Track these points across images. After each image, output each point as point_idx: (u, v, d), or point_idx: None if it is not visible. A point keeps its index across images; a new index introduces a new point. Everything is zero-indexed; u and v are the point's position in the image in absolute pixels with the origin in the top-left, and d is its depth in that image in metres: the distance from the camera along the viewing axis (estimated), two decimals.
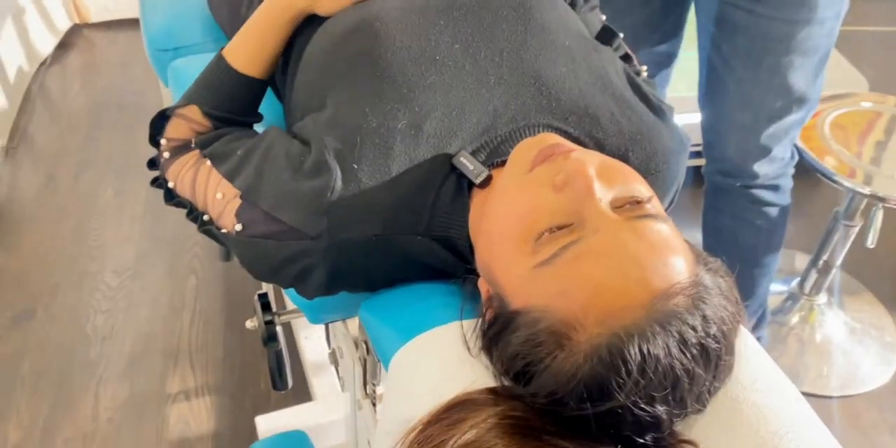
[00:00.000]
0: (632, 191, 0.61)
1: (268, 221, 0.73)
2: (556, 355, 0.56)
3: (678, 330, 0.54)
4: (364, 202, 0.71)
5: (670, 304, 0.54)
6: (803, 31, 1.13)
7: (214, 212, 0.78)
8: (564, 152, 0.63)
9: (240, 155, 0.78)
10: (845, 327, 1.78)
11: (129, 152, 2.29)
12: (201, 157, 0.81)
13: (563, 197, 0.60)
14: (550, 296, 0.57)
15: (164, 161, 0.85)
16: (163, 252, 1.96)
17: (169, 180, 0.84)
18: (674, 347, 0.53)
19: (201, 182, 0.80)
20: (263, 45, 0.86)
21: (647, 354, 0.53)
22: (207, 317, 1.79)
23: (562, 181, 0.60)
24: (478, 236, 0.70)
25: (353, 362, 0.92)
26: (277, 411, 1.31)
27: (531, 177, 0.63)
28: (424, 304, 0.76)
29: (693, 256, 0.59)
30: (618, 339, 0.53)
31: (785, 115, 1.24)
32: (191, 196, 0.81)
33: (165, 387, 1.63)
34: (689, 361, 0.54)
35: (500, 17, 0.80)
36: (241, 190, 0.75)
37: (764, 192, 1.35)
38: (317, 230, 0.71)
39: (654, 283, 0.55)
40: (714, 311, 0.56)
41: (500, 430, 0.56)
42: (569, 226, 0.59)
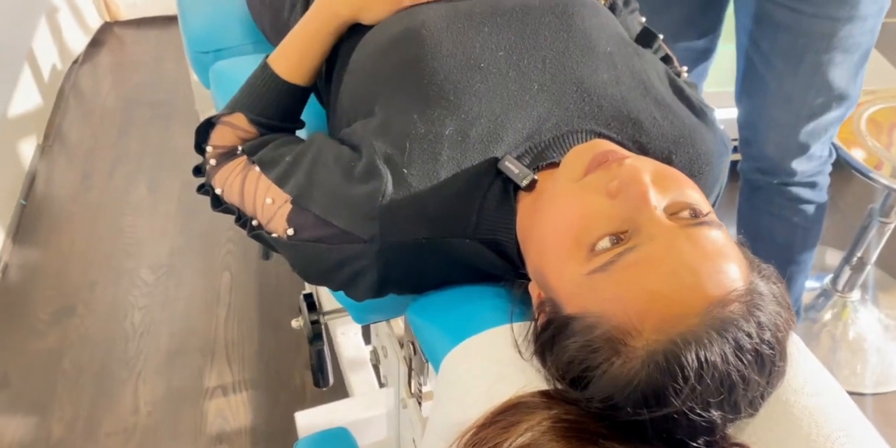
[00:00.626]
0: (685, 197, 0.62)
1: (320, 225, 0.74)
2: (613, 361, 0.57)
3: (734, 336, 0.54)
4: (414, 206, 0.73)
5: (726, 311, 0.55)
6: (845, 29, 1.12)
7: (264, 217, 0.79)
8: (618, 159, 0.64)
9: (289, 161, 0.80)
10: (879, 324, 1.77)
11: (161, 149, 2.32)
12: (249, 163, 0.83)
13: (617, 204, 0.61)
14: (606, 302, 0.58)
15: (211, 168, 0.87)
16: (197, 248, 1.99)
17: (216, 187, 0.85)
18: (730, 354, 0.54)
19: (250, 188, 0.81)
20: (308, 54, 0.88)
21: (704, 361, 0.53)
22: (242, 312, 1.81)
23: (616, 188, 0.61)
24: (528, 241, 0.71)
25: (397, 361, 0.94)
26: (316, 407, 1.33)
27: (585, 183, 0.64)
28: (473, 307, 0.77)
29: (747, 263, 0.60)
30: (675, 346, 0.54)
31: (825, 113, 1.24)
32: (239, 202, 0.83)
33: (203, 382, 1.66)
34: (744, 367, 0.55)
35: (543, 24, 0.80)
36: (291, 195, 0.77)
37: (801, 190, 1.35)
38: (369, 234, 0.72)
39: (709, 290, 0.55)
40: (768, 317, 0.57)
41: (555, 432, 0.57)
42: (624, 233, 0.60)
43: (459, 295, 0.79)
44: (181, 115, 2.46)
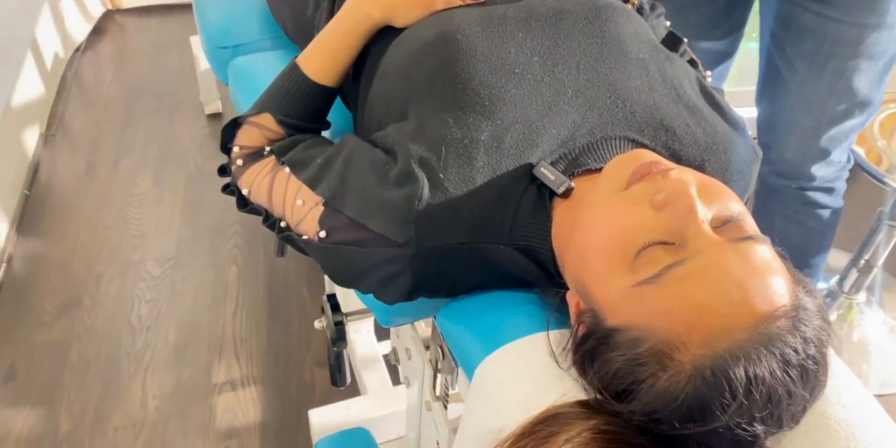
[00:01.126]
0: (729, 210, 0.62)
1: (353, 228, 0.74)
2: (660, 376, 0.57)
3: (781, 352, 0.55)
4: (450, 210, 0.72)
5: (773, 326, 0.55)
6: (872, 36, 1.12)
7: (294, 218, 0.79)
8: (663, 171, 0.64)
9: (320, 162, 0.79)
10: (884, 326, 1.78)
11: (166, 141, 2.30)
12: (278, 164, 0.82)
13: (662, 216, 0.61)
14: (653, 315, 0.58)
15: (237, 168, 0.86)
16: (203, 242, 1.98)
17: (242, 187, 0.85)
18: (777, 369, 0.55)
19: (279, 189, 0.81)
20: (339, 56, 0.87)
21: (753, 376, 0.54)
22: (250, 307, 1.81)
23: (662, 200, 0.61)
24: (566, 249, 0.71)
25: (422, 364, 0.94)
26: (330, 405, 1.33)
27: (628, 194, 0.64)
28: (506, 313, 0.77)
29: (792, 278, 0.60)
30: (723, 361, 0.54)
31: (847, 119, 1.24)
32: (267, 203, 0.82)
33: (211, 377, 1.66)
34: (790, 382, 0.55)
35: (577, 30, 0.80)
36: (324, 197, 0.76)
37: (818, 195, 1.36)
38: (405, 238, 0.72)
39: (757, 305, 0.55)
40: (813, 332, 0.57)
41: (595, 444, 0.58)
42: (670, 244, 0.60)
43: (492, 300, 0.79)
44: (185, 105, 2.44)
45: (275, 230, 0.82)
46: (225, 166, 0.89)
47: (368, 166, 0.75)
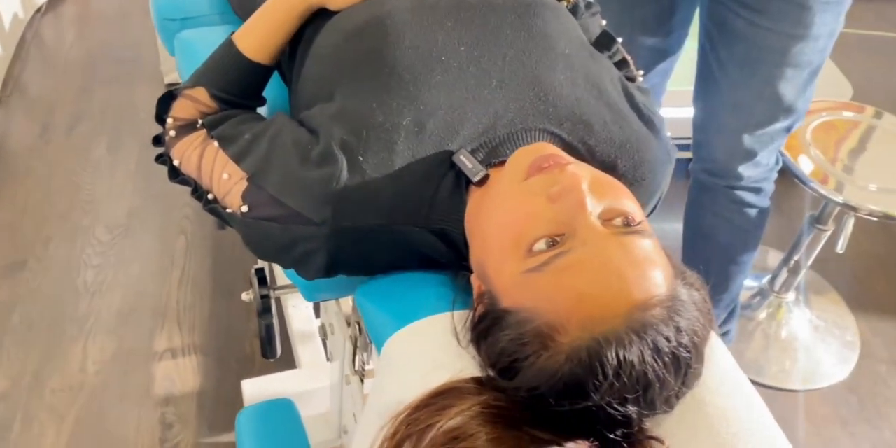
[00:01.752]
0: (620, 205, 0.65)
1: (274, 205, 0.77)
2: (541, 354, 0.61)
3: (653, 339, 0.58)
4: (367, 192, 0.75)
5: (647, 314, 0.59)
6: (797, 46, 1.17)
7: (220, 191, 0.81)
8: (560, 165, 0.67)
9: (248, 138, 0.81)
10: (810, 325, 1.85)
11: (124, 108, 2.29)
12: (208, 138, 0.84)
13: (556, 208, 0.64)
14: (539, 300, 0.62)
15: (170, 139, 0.88)
16: (154, 211, 1.98)
17: (174, 158, 0.87)
18: (647, 355, 0.58)
19: (208, 162, 0.83)
20: (273, 34, 0.89)
21: (623, 360, 0.57)
22: (196, 278, 1.82)
23: (557, 193, 0.65)
24: (473, 235, 0.74)
25: (343, 339, 0.97)
26: (263, 376, 1.36)
27: (527, 185, 0.67)
28: (419, 293, 0.80)
29: (672, 271, 0.64)
30: (597, 344, 0.58)
31: (772, 123, 1.29)
32: (196, 175, 0.84)
33: (153, 344, 1.68)
34: (660, 368, 0.59)
35: (505, 23, 0.83)
36: (248, 172, 0.79)
37: (746, 194, 1.41)
38: (321, 217, 0.75)
39: (633, 294, 0.59)
40: (688, 323, 0.61)
41: (483, 418, 0.61)
42: (560, 235, 0.63)
43: (407, 281, 0.83)
44: (146, 74, 2.42)
45: (202, 202, 0.84)
46: (159, 136, 0.91)
47: (292, 145, 0.78)
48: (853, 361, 1.80)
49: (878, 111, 1.64)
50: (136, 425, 1.53)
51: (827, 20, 1.16)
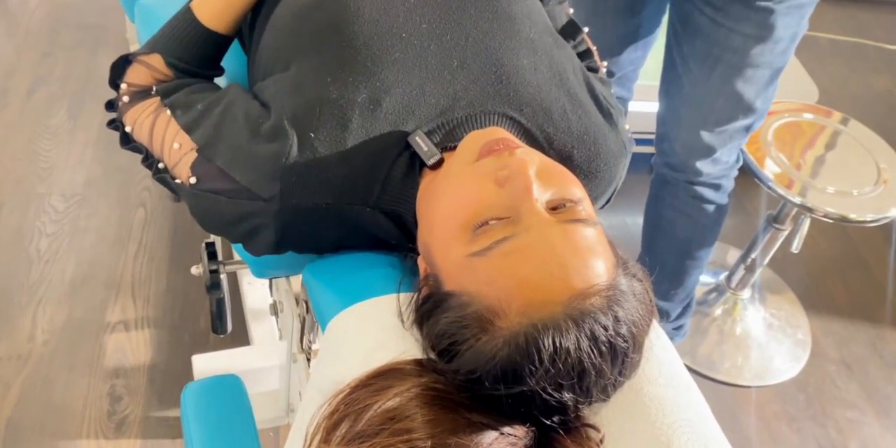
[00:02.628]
0: (567, 193, 0.65)
1: (222, 178, 0.75)
2: (479, 338, 0.61)
3: (590, 327, 0.58)
4: (318, 170, 0.74)
5: (586, 303, 0.59)
6: (757, 47, 1.18)
7: (170, 161, 0.80)
8: (510, 148, 0.67)
9: (200, 109, 0.80)
10: (763, 323, 1.88)
11: (87, 75, 2.24)
12: (161, 106, 0.83)
13: (503, 192, 0.64)
14: (481, 284, 0.62)
15: (123, 105, 0.86)
16: (113, 181, 1.95)
17: (126, 124, 0.85)
18: (584, 342, 0.58)
19: (159, 130, 0.81)
20: (231, 4, 0.87)
21: (559, 346, 0.57)
22: (153, 250, 1.80)
23: (504, 177, 0.64)
24: (421, 217, 0.74)
25: (292, 317, 0.96)
26: (215, 352, 1.34)
27: (476, 168, 0.67)
28: (366, 274, 0.80)
29: (614, 261, 0.64)
30: (534, 330, 0.58)
31: (731, 121, 1.29)
32: (147, 142, 0.83)
33: (105, 315, 1.65)
34: (596, 357, 0.59)
35: (470, 3, 0.81)
36: (198, 144, 0.77)
37: (705, 190, 1.42)
38: (269, 193, 0.73)
39: (573, 282, 0.59)
40: (626, 313, 0.61)
41: (421, 400, 0.61)
42: (506, 219, 0.63)
43: (355, 261, 0.82)
44: (111, 41, 2.37)
45: (152, 171, 0.83)
46: (112, 101, 0.89)
47: (243, 118, 0.76)
48: (804, 360, 1.83)
49: (844, 117, 1.67)
50: (83, 397, 1.51)
51: (789, 23, 1.17)
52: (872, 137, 1.62)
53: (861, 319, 1.95)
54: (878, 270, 2.08)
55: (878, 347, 1.89)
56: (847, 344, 1.89)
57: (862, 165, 1.55)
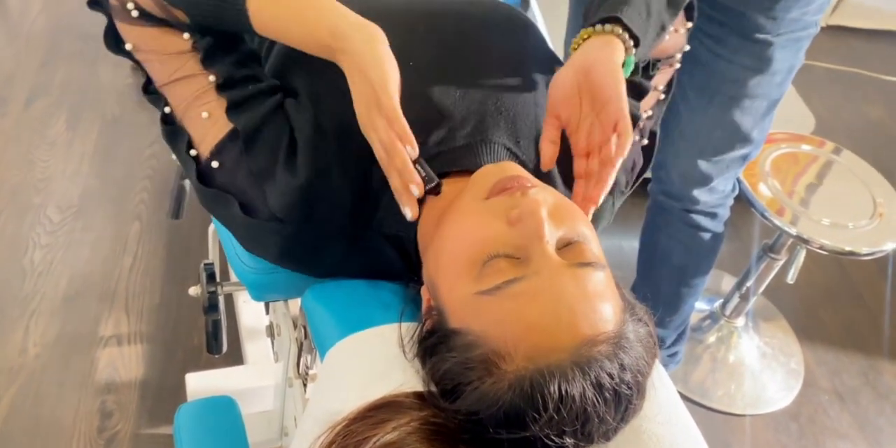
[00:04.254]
0: (577, 233, 0.65)
1: (245, 180, 0.74)
2: (484, 380, 0.60)
3: (596, 375, 0.58)
4: (330, 195, 0.75)
5: (594, 350, 0.58)
6: (755, 79, 1.19)
7: (191, 125, 0.75)
8: (524, 188, 0.66)
9: (251, 90, 0.75)
10: (757, 351, 1.88)
11: (86, 86, 2.24)
12: (200, 64, 0.75)
13: (514, 231, 0.63)
14: (488, 324, 0.61)
15: (124, 11, 0.74)
16: (109, 194, 1.94)
17: (124, 35, 0.75)
18: (589, 390, 0.58)
19: (189, 87, 0.75)
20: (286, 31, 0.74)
21: (564, 394, 0.57)
22: (148, 265, 1.79)
23: (516, 217, 0.64)
24: (427, 247, 0.73)
25: (289, 341, 0.96)
26: (208, 371, 1.34)
27: (488, 205, 0.67)
28: (367, 301, 0.80)
29: (622, 305, 0.64)
30: (540, 376, 0.57)
31: (728, 151, 1.30)
32: (159, 77, 0.75)
33: (98, 329, 1.64)
34: (601, 404, 0.59)
35: (478, 33, 0.83)
36: (239, 129, 0.74)
37: (701, 218, 1.42)
38: (284, 214, 0.74)
39: (582, 329, 0.59)
40: (632, 360, 0.60)
41: (420, 434, 0.61)
42: (515, 259, 0.62)
43: (357, 287, 0.82)
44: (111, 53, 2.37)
45: (158, 106, 0.77)
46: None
47: (276, 138, 0.75)
48: (797, 389, 1.83)
49: (837, 147, 1.68)
50: (74, 412, 1.50)
51: (786, 55, 1.18)
52: (867, 169, 1.63)
53: (854, 350, 1.95)
54: (871, 301, 2.08)
55: (871, 378, 1.89)
56: (839, 374, 1.89)
57: (857, 197, 1.56)
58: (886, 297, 2.09)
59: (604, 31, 0.75)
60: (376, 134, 0.70)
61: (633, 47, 0.75)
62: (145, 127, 2.12)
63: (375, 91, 0.69)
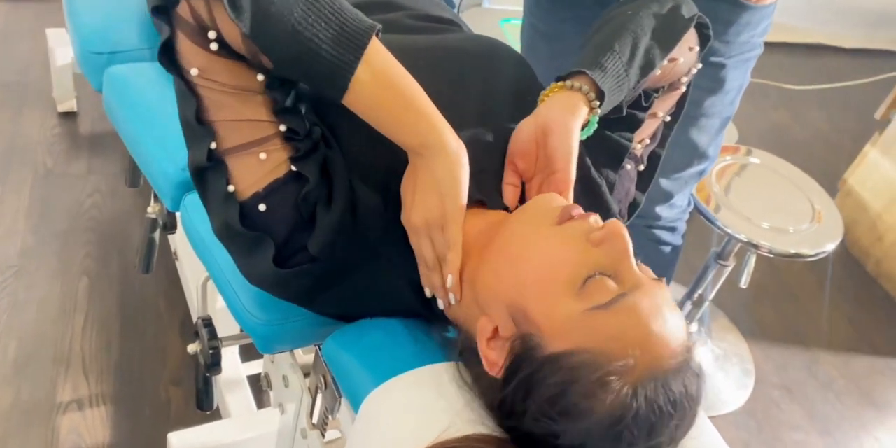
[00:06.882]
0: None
1: (290, 224, 0.74)
2: (608, 395, 0.61)
3: (689, 373, 0.64)
4: (356, 234, 0.76)
5: (689, 355, 0.64)
6: (710, 99, 1.27)
7: (241, 161, 0.72)
8: (584, 215, 0.70)
9: (314, 140, 0.75)
10: (711, 354, 1.97)
11: (11, 137, 2.14)
12: (267, 105, 0.71)
13: (600, 251, 0.67)
14: (607, 338, 0.63)
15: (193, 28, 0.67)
16: (51, 249, 1.86)
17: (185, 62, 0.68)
18: (691, 385, 0.64)
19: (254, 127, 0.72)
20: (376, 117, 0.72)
21: (679, 397, 0.62)
22: (102, 321, 1.72)
23: (599, 238, 0.67)
24: (491, 277, 0.72)
25: (301, 391, 0.95)
26: (192, 428, 1.29)
27: (564, 230, 0.69)
28: (392, 344, 0.80)
29: None
30: (662, 382, 0.61)
31: (687, 168, 1.38)
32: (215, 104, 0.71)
33: (56, 395, 1.56)
34: (693, 403, 0.65)
35: (477, 69, 0.87)
36: (310, 177, 0.73)
37: (662, 233, 1.49)
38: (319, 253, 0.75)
39: (679, 336, 0.64)
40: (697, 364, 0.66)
41: None
42: (609, 276, 0.65)
43: (376, 329, 0.82)
44: (35, 100, 2.28)
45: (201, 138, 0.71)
46: None
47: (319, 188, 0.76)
48: (750, 387, 1.92)
49: (749, 149, 1.79)
50: None
51: (737, 75, 1.27)
52: (792, 170, 1.75)
53: (795, 344, 2.07)
54: (803, 297, 2.22)
55: (813, 370, 2.01)
56: (786, 369, 2.00)
57: (789, 199, 1.67)
58: (826, 294, 2.23)
59: (572, 87, 0.79)
60: (428, 246, 0.74)
61: (597, 108, 0.80)
62: (82, 177, 2.05)
63: (446, 216, 0.73)
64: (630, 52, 0.82)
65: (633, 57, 0.82)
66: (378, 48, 0.69)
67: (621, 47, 0.82)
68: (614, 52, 0.81)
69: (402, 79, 0.71)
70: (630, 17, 0.85)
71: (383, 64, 0.69)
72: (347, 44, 0.66)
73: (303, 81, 0.72)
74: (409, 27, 0.94)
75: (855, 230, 2.34)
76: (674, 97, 0.96)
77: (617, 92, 0.81)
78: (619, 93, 0.82)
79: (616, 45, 0.82)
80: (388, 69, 0.70)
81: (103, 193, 2.01)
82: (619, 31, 0.83)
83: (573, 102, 0.78)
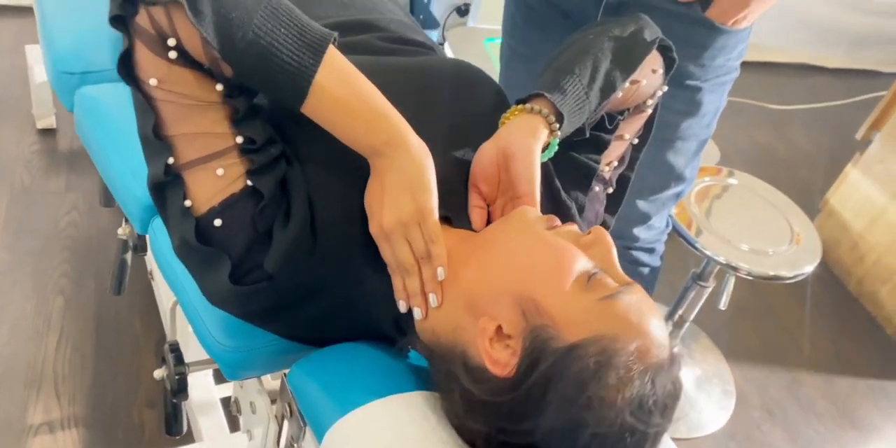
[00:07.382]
0: None
1: (247, 240, 0.73)
2: (633, 377, 0.64)
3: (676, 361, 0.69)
4: (319, 250, 0.75)
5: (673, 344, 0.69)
6: (686, 122, 1.27)
7: (197, 176, 0.71)
8: (566, 225, 0.75)
9: (273, 153, 0.73)
10: (692, 376, 1.97)
11: None
12: (227, 118, 0.71)
13: (592, 253, 0.71)
14: (623, 324, 0.66)
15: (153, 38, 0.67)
16: (25, 268, 1.83)
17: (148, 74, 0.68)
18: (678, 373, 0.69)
19: (211, 140, 0.71)
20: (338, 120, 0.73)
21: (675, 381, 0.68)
22: (76, 341, 1.69)
23: (588, 242, 0.71)
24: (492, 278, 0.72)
25: (267, 418, 0.93)
26: None
27: (556, 233, 0.72)
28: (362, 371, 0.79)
29: None
30: (667, 367, 0.67)
31: (664, 190, 1.38)
32: (173, 116, 0.70)
33: (27, 417, 1.53)
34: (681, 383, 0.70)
35: (444, 89, 0.87)
36: (265, 193, 0.72)
37: (641, 254, 1.49)
38: (276, 270, 0.74)
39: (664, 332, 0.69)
40: None
41: None
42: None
43: (346, 358, 0.81)
44: (12, 117, 2.26)
45: (158, 154, 0.71)
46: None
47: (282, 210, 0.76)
48: (731, 409, 1.91)
49: (730, 171, 1.79)
50: None
51: (713, 99, 1.27)
52: (772, 192, 1.75)
53: (776, 365, 2.07)
54: (784, 317, 2.22)
55: (794, 391, 2.01)
56: (766, 389, 1.99)
57: (769, 220, 1.68)
58: (806, 315, 2.23)
59: (531, 110, 0.79)
60: (404, 248, 0.73)
61: (557, 130, 0.80)
62: (59, 195, 2.03)
63: (423, 210, 0.72)
64: (590, 75, 0.82)
65: (593, 80, 0.82)
66: (336, 53, 0.70)
67: (581, 70, 0.82)
68: (574, 74, 0.81)
69: (361, 82, 0.72)
70: (591, 40, 0.86)
71: (342, 67, 0.71)
72: (307, 49, 0.67)
73: (262, 89, 0.72)
74: (380, 49, 0.94)
75: (836, 250, 2.35)
76: (641, 119, 0.97)
77: (577, 114, 0.81)
78: (580, 115, 0.82)
79: (576, 68, 0.82)
80: (346, 72, 0.71)
81: (81, 211, 2.00)
82: (580, 54, 0.84)
83: (533, 125, 0.78)
